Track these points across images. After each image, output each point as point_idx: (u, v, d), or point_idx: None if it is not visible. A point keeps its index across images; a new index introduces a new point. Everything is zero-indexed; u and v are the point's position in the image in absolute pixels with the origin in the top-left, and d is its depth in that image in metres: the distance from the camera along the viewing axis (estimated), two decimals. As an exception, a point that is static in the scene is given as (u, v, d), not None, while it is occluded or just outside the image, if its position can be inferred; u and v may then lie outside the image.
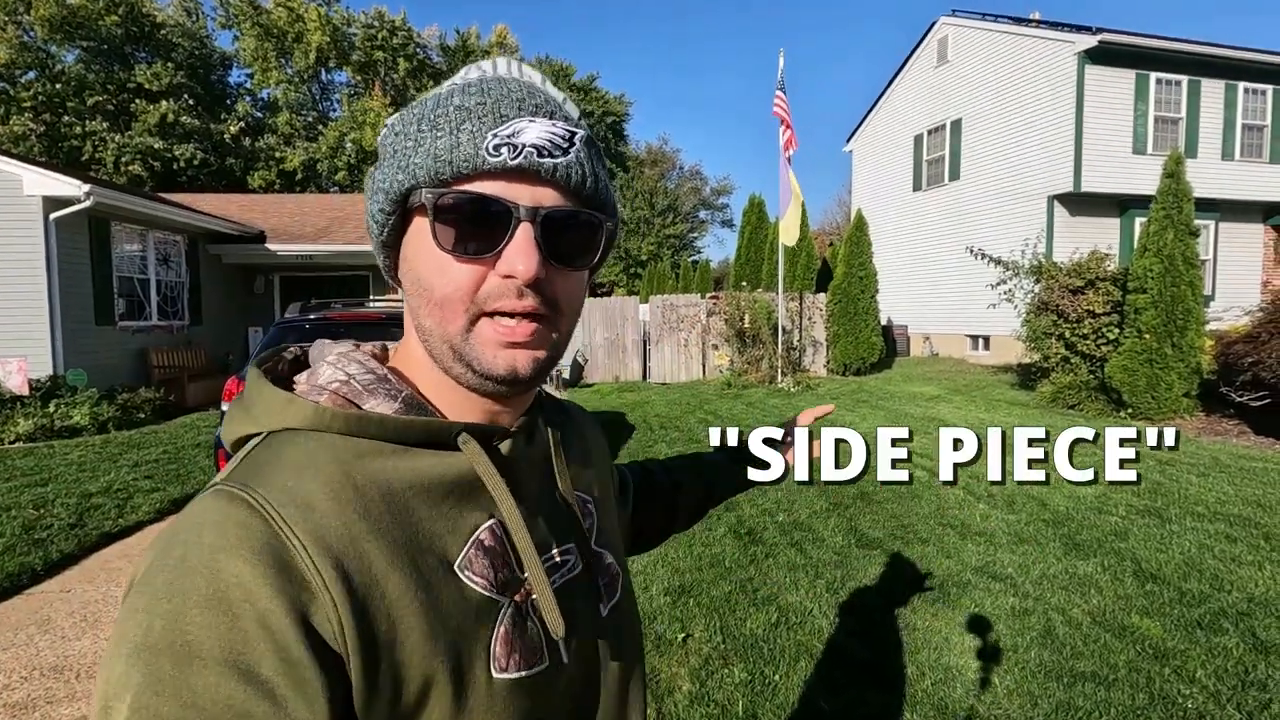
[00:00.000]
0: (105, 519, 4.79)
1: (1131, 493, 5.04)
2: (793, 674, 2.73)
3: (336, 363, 0.55)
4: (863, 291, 12.45)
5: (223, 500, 0.44)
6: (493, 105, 0.48)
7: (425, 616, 0.46)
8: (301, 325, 4.97)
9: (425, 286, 0.50)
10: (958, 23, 15.34)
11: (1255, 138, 13.40)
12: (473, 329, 0.50)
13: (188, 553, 0.41)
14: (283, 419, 0.50)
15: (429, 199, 0.48)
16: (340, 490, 0.46)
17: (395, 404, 0.52)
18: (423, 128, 0.49)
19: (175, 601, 0.40)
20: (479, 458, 0.52)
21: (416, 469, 0.50)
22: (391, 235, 0.52)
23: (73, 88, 24.37)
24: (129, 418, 8.44)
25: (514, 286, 0.49)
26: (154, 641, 0.39)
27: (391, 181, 0.50)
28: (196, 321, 12.05)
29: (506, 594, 0.51)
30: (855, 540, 4.19)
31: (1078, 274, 8.98)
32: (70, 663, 2.99)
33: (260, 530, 0.42)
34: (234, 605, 0.40)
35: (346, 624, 0.42)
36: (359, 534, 0.45)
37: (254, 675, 0.39)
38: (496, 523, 0.52)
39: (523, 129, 0.48)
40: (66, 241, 8.99)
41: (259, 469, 0.47)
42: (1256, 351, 7.18)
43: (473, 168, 0.47)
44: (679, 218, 39.09)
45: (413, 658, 0.45)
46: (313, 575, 0.42)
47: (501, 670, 0.49)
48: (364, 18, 30.98)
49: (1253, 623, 3.08)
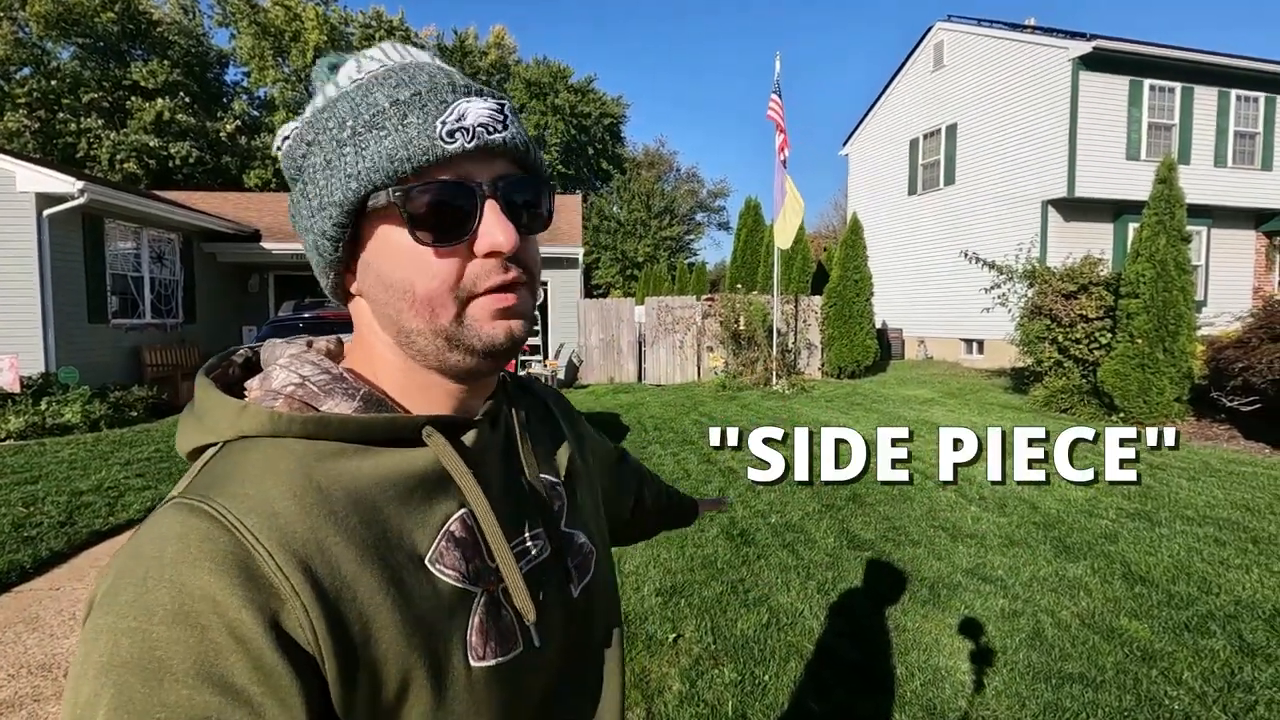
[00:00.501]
0: (96, 517, 4.77)
1: (1122, 496, 5.07)
2: (783, 675, 2.73)
3: (289, 365, 0.54)
4: (857, 295, 12.48)
5: (183, 513, 0.43)
6: (429, 93, 0.48)
7: (399, 613, 0.46)
8: (295, 324, 4.97)
9: (404, 288, 0.50)
10: (953, 28, 15.42)
11: (1247, 145, 13.50)
12: (464, 313, 0.50)
13: (150, 568, 0.41)
14: (238, 427, 0.49)
15: (398, 198, 0.47)
16: (303, 494, 0.46)
17: (354, 403, 0.52)
18: (357, 130, 0.48)
19: (141, 618, 0.39)
20: (444, 450, 0.52)
21: (381, 466, 0.50)
22: (345, 250, 0.51)
23: (68, 84, 24.29)
24: (121, 416, 8.40)
25: (498, 263, 0.50)
26: (122, 660, 0.38)
27: (342, 192, 0.48)
28: (190, 320, 12.01)
29: (479, 584, 0.51)
30: (847, 542, 4.20)
31: (1071, 279, 9.03)
32: (58, 661, 2.98)
33: (224, 541, 0.42)
34: (201, 618, 0.39)
35: (319, 627, 0.42)
36: (325, 537, 0.45)
37: (228, 685, 0.39)
38: (467, 512, 0.53)
39: (465, 110, 0.48)
40: (59, 239, 8.95)
41: (218, 479, 0.46)
42: (1247, 357, 7.22)
43: (432, 158, 0.47)
44: (675, 220, 39.12)
45: (389, 654, 0.45)
46: (281, 582, 0.42)
47: (479, 659, 0.50)
48: (362, 17, 31.04)
49: (1240, 625, 3.10)
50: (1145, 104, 12.77)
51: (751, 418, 8.77)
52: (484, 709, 0.50)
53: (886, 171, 17.85)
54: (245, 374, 0.57)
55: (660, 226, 37.59)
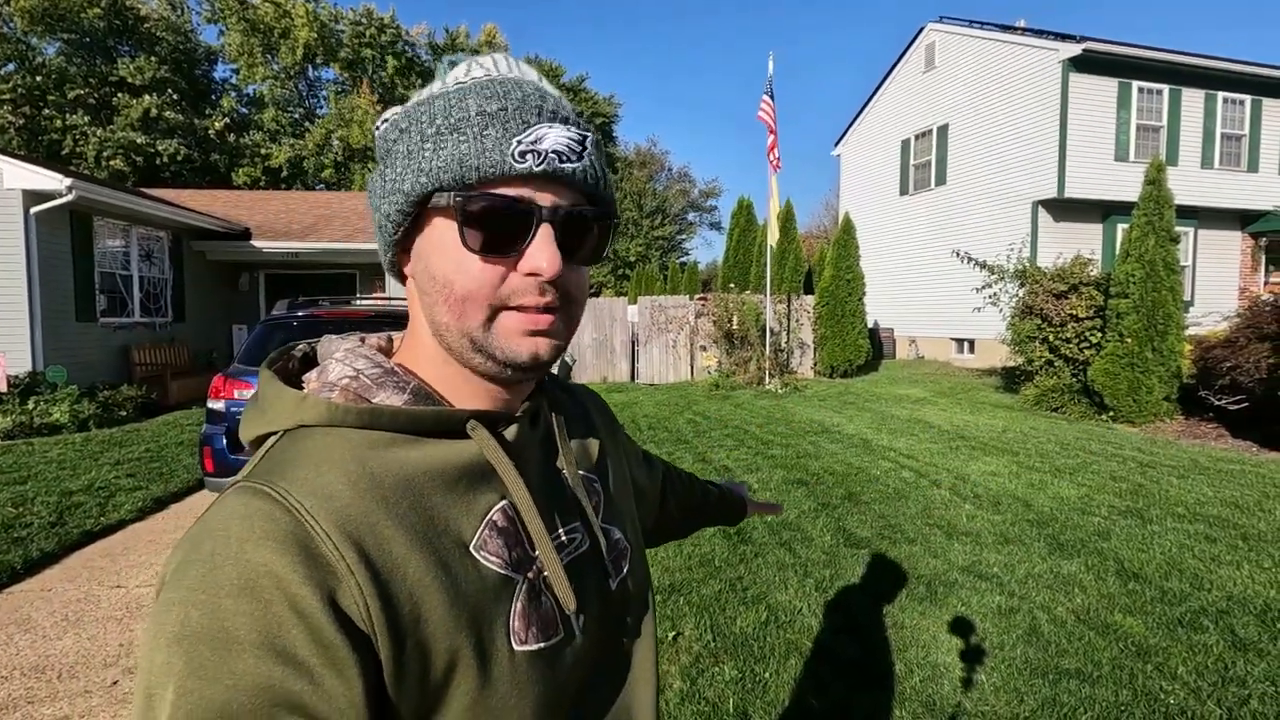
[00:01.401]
0: (87, 517, 4.72)
1: (1114, 493, 5.12)
2: (783, 672, 2.74)
3: (345, 359, 0.57)
4: (850, 294, 12.53)
5: (247, 495, 0.46)
6: (514, 111, 0.50)
7: (446, 595, 0.48)
8: (288, 323, 4.92)
9: (444, 284, 0.52)
10: (945, 29, 15.51)
11: (1234, 147, 13.66)
12: (493, 322, 0.52)
13: (216, 546, 0.43)
14: (297, 417, 0.52)
15: (457, 203, 0.50)
16: (358, 480, 0.48)
17: (404, 395, 0.54)
18: (441, 130, 0.50)
19: (209, 592, 0.42)
20: (488, 443, 0.54)
21: (429, 457, 0.52)
22: (404, 234, 0.54)
23: (53, 81, 23.99)
24: (110, 415, 8.32)
25: (536, 284, 0.52)
26: (192, 630, 0.41)
27: (412, 183, 0.51)
28: (180, 318, 11.90)
29: (520, 571, 0.53)
30: (844, 540, 4.22)
31: (1061, 278, 9.11)
32: (51, 663, 2.94)
33: (285, 521, 0.44)
34: (265, 592, 0.42)
35: (372, 605, 0.44)
36: (378, 520, 0.47)
37: (291, 656, 0.41)
38: (508, 504, 0.55)
39: (543, 135, 0.50)
40: (47, 236, 8.85)
41: (279, 465, 0.49)
42: (1234, 356, 7.31)
43: (500, 173, 0.50)
44: (667, 219, 39.14)
45: (437, 634, 0.47)
46: (337, 560, 0.44)
47: (521, 643, 0.51)
48: (352, 14, 30.78)
49: (1231, 621, 3.14)
50: (1134, 106, 12.89)
51: (744, 417, 8.79)
52: (526, 692, 0.51)
53: (878, 171, 17.93)
54: (304, 368, 0.61)
55: (652, 226, 37.60)
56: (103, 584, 3.78)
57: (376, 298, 6.28)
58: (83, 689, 2.75)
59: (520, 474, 0.55)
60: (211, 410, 4.56)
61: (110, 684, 2.79)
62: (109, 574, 3.92)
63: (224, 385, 4.55)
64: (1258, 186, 13.77)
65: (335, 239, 12.79)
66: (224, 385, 4.55)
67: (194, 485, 5.64)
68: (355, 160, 29.70)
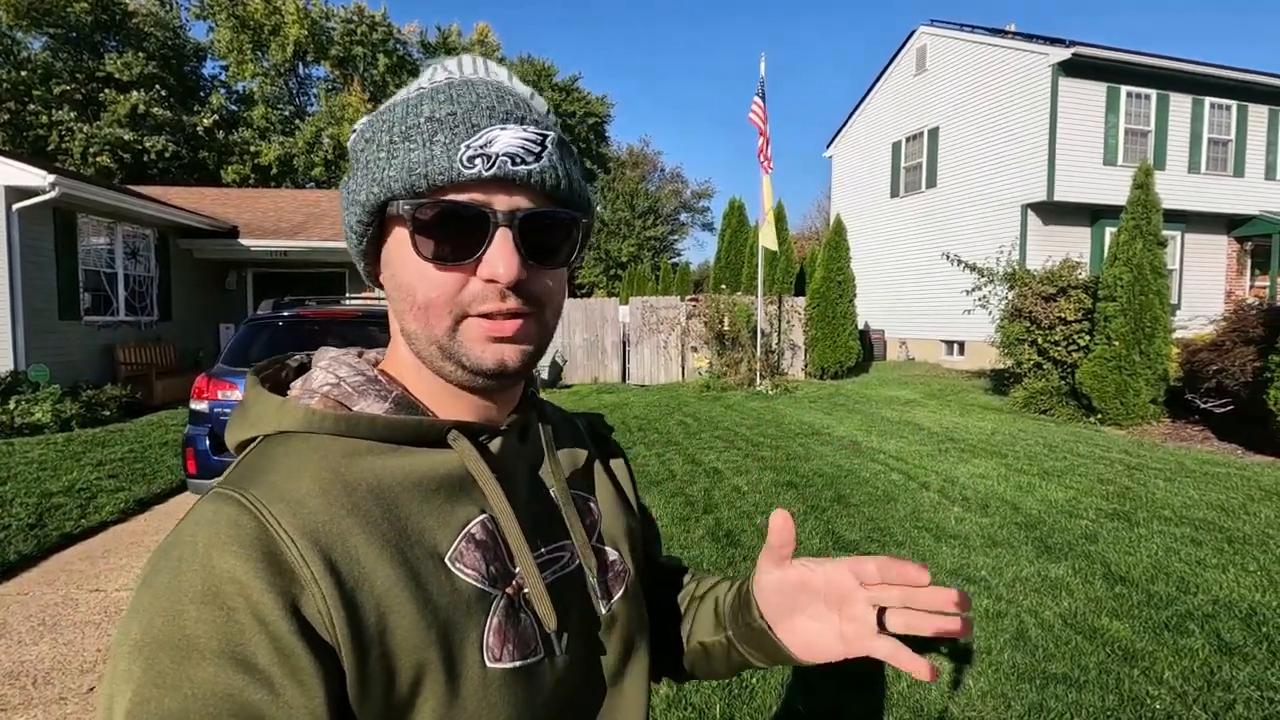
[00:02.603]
0: (66, 519, 4.65)
1: (1101, 496, 5.14)
2: (770, 677, 2.72)
3: (328, 367, 0.57)
4: (841, 296, 12.55)
5: (218, 501, 0.46)
6: (464, 115, 0.49)
7: (415, 606, 0.47)
8: (275, 322, 4.87)
9: (407, 292, 0.52)
10: (936, 32, 15.57)
11: (1220, 152, 13.79)
12: (458, 329, 0.52)
13: (184, 553, 0.43)
14: (276, 422, 0.52)
15: (406, 211, 0.49)
16: (329, 487, 0.48)
17: (385, 404, 0.54)
18: (394, 138, 0.50)
19: (173, 599, 0.41)
20: (469, 454, 0.53)
21: (406, 466, 0.51)
22: (370, 244, 0.54)
23: (39, 76, 23.68)
24: (93, 415, 8.21)
25: (496, 290, 0.50)
26: (154, 637, 0.41)
27: (366, 194, 0.51)
28: (166, 317, 11.78)
29: (498, 586, 0.52)
30: (833, 542, 4.21)
31: (1050, 281, 9.16)
32: (27, 669, 2.89)
33: (251, 527, 0.44)
34: (228, 599, 0.41)
35: (335, 614, 0.43)
36: (347, 528, 0.46)
37: (251, 665, 0.40)
38: (488, 517, 0.53)
39: (494, 138, 0.49)
40: (30, 233, 8.73)
41: (252, 471, 0.49)
42: (1221, 359, 7.36)
43: (448, 180, 0.48)
44: (659, 220, 39.13)
45: (404, 646, 0.46)
46: (301, 568, 0.43)
47: (495, 660, 0.50)
48: (343, 12, 30.59)
49: (1218, 624, 3.15)
50: (1122, 110, 12.99)
51: (735, 418, 8.78)
52: (498, 711, 0.49)
53: (869, 174, 17.99)
54: (299, 376, 0.60)
55: (644, 226, 37.57)
56: (81, 587, 3.72)
57: (365, 297, 6.22)
58: (58, 695, 2.70)
59: (503, 487, 0.53)
60: (194, 411, 4.50)
61: (87, 691, 2.74)
62: (88, 577, 3.86)
63: (207, 386, 4.49)
64: (1243, 191, 13.91)
65: (325, 238, 12.69)
66: (207, 386, 4.49)
67: (177, 487, 5.57)
68: (346, 159, 29.42)
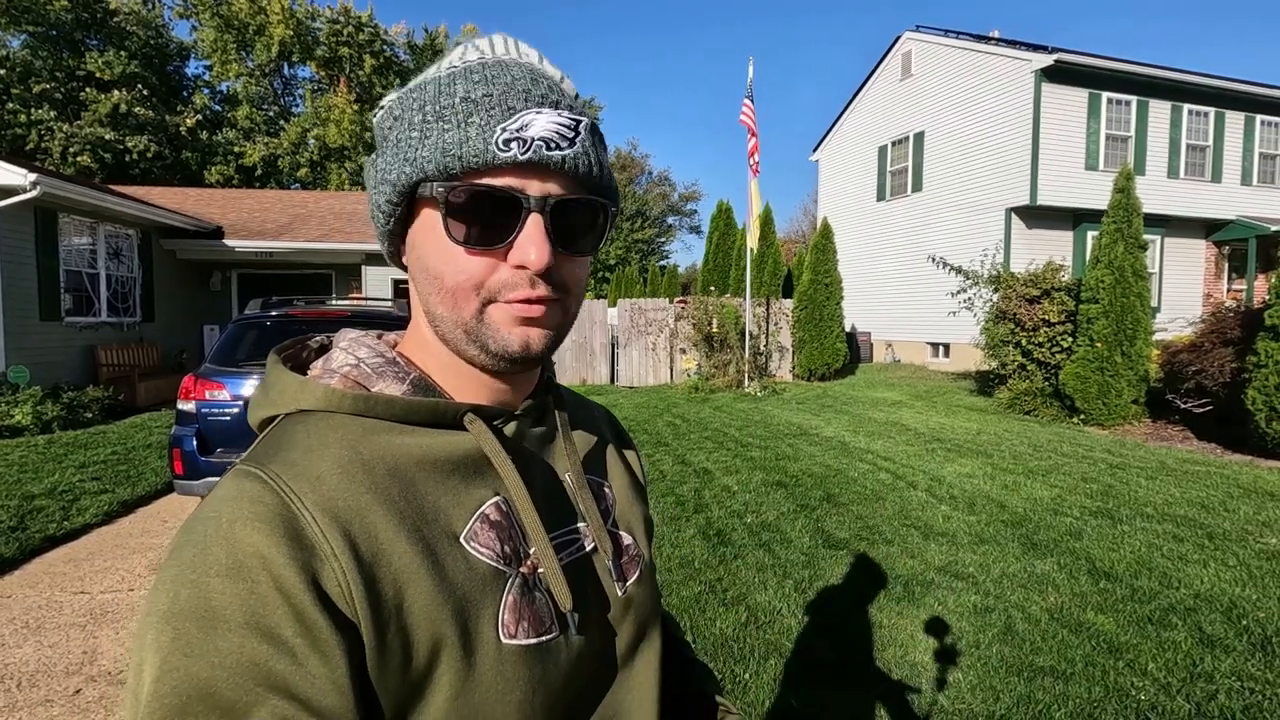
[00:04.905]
0: (49, 522, 4.58)
1: (1085, 494, 5.22)
2: (763, 673, 2.74)
3: (348, 348, 0.57)
4: (828, 299, 12.64)
5: (240, 478, 0.47)
6: (500, 97, 0.49)
7: (431, 582, 0.47)
8: (262, 322, 4.83)
9: (435, 275, 0.52)
10: (921, 38, 15.74)
11: (1198, 158, 14.04)
12: (485, 313, 0.52)
13: (209, 527, 0.44)
14: (297, 401, 0.53)
15: (440, 193, 0.49)
16: (348, 465, 0.48)
17: (403, 386, 0.55)
18: (428, 118, 0.49)
19: (198, 572, 0.42)
20: (485, 435, 0.54)
21: (423, 446, 0.52)
22: (398, 224, 0.54)
23: (18, 74, 23.31)
24: (75, 417, 8.09)
25: (526, 276, 0.51)
26: (180, 608, 0.42)
27: (398, 174, 0.50)
28: (149, 318, 11.62)
29: (513, 565, 0.53)
30: (822, 541, 4.24)
31: (1034, 284, 9.28)
32: (10, 671, 2.85)
33: (272, 503, 0.45)
34: (252, 572, 0.42)
35: (355, 588, 0.44)
36: (365, 505, 0.47)
37: (274, 636, 0.41)
38: (502, 499, 0.54)
39: (530, 121, 0.48)
40: (9, 233, 8.60)
41: (273, 448, 0.50)
42: (1200, 361, 7.50)
43: (483, 163, 0.48)
44: (647, 223, 39.20)
45: (421, 621, 0.46)
46: (321, 543, 0.44)
47: (510, 636, 0.50)
48: (329, 12, 30.36)
49: (1199, 618, 3.21)
50: (1104, 116, 13.19)
51: (723, 420, 8.81)
52: (513, 688, 0.49)
53: (856, 177, 18.13)
54: (320, 357, 0.61)
55: (632, 229, 37.62)
56: (65, 590, 3.67)
57: (353, 298, 6.19)
58: (43, 698, 2.66)
59: (518, 469, 0.54)
60: (181, 411, 4.45)
61: (73, 693, 2.71)
62: (72, 579, 3.81)
63: (194, 386, 4.44)
64: (1221, 196, 14.17)
65: (310, 238, 12.60)
66: (194, 386, 4.44)
67: (163, 488, 5.50)
68: (332, 159, 29.31)
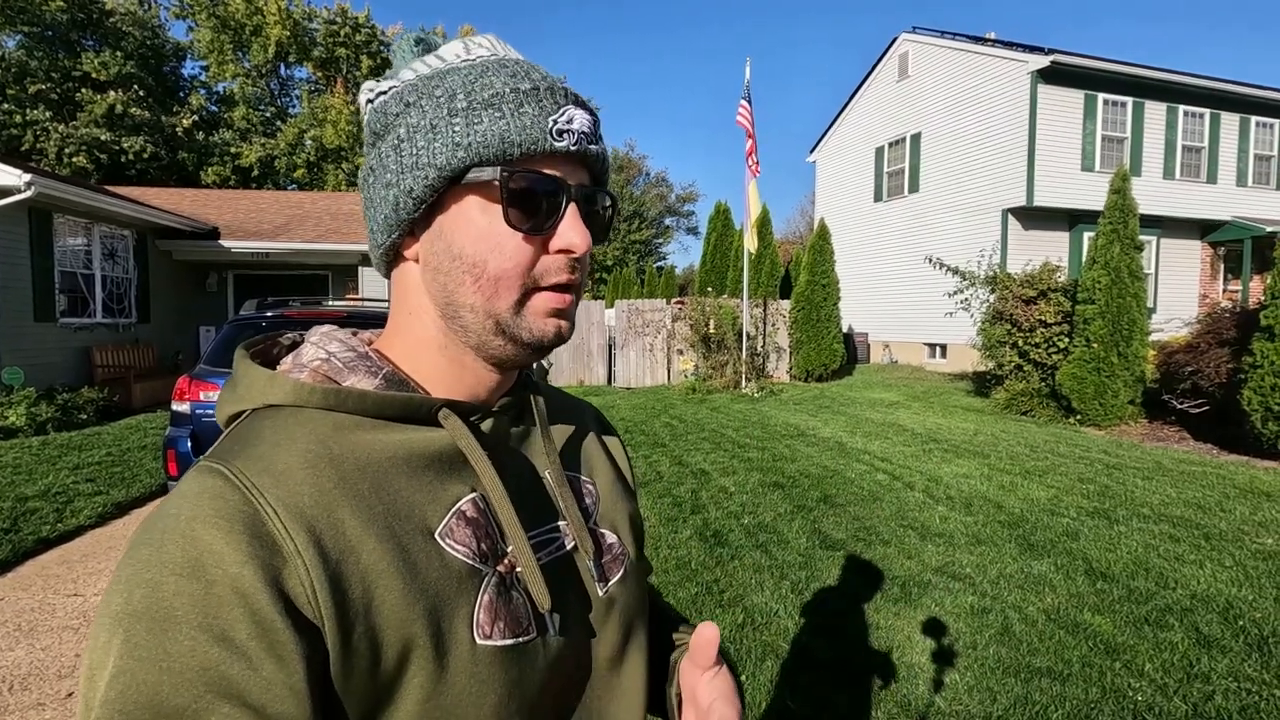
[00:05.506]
0: (43, 523, 4.56)
1: (1082, 495, 5.22)
2: (760, 674, 2.74)
3: (319, 342, 0.56)
4: (825, 299, 12.64)
5: (203, 474, 0.45)
6: (546, 91, 0.51)
7: (402, 581, 0.46)
8: (257, 323, 4.81)
9: (474, 263, 0.51)
10: (918, 39, 15.77)
11: (1194, 159, 14.08)
12: (525, 303, 0.52)
13: (168, 525, 0.43)
14: (265, 396, 0.51)
15: (503, 178, 0.50)
16: (316, 460, 0.47)
17: (375, 380, 0.53)
18: (474, 104, 0.50)
19: (153, 571, 0.41)
20: (460, 431, 0.53)
21: (396, 442, 0.51)
22: (425, 211, 0.53)
23: (13, 74, 23.25)
24: (70, 419, 8.05)
25: (567, 261, 0.53)
26: (133, 609, 0.40)
27: (446, 157, 0.50)
28: (144, 319, 11.59)
29: (490, 564, 0.51)
30: (819, 542, 4.23)
31: (1030, 285, 9.29)
32: (2, 674, 2.83)
33: (234, 499, 0.43)
34: (208, 572, 0.41)
35: (319, 588, 0.43)
36: (333, 502, 0.46)
37: (228, 639, 0.40)
38: (479, 496, 0.53)
39: (574, 115, 0.52)
40: (4, 234, 8.57)
41: (239, 443, 0.48)
42: (1196, 361, 7.51)
43: (540, 150, 0.50)
44: (645, 224, 39.20)
45: (390, 621, 0.45)
46: (284, 540, 0.43)
47: (485, 637, 0.49)
48: (326, 13, 30.33)
49: (1196, 618, 3.21)
50: (1100, 117, 13.23)
51: (721, 420, 8.81)
52: (488, 690, 0.48)
53: (853, 178, 18.15)
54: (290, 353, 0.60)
55: (629, 230, 37.62)
56: (58, 592, 3.65)
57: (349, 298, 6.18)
58: (35, 701, 2.65)
59: (495, 466, 0.53)
60: (176, 412, 4.43)
61: (65, 696, 2.69)
62: (65, 582, 3.79)
63: (189, 387, 4.42)
64: (1216, 197, 14.22)
65: (307, 239, 12.57)
66: (189, 387, 4.42)
67: (157, 490, 5.48)
68: (328, 160, 29.25)
